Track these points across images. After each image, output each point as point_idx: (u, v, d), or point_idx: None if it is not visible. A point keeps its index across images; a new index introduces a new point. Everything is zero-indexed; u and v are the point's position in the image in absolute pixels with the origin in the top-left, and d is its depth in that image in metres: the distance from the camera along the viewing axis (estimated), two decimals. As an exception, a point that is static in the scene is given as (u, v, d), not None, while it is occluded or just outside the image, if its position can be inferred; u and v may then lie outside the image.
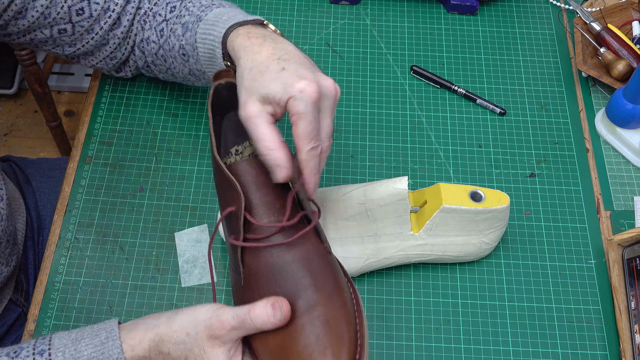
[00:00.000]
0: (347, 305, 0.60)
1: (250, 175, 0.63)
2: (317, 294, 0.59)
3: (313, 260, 0.61)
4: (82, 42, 0.81)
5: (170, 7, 0.79)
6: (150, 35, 0.80)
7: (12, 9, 0.74)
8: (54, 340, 0.61)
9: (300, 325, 0.58)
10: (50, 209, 0.96)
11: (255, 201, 0.62)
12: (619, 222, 0.83)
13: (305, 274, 0.60)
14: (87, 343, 0.61)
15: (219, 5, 0.77)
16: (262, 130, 0.62)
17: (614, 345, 0.75)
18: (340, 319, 0.59)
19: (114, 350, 0.60)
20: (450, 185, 0.74)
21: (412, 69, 0.95)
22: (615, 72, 0.91)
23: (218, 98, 0.68)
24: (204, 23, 0.74)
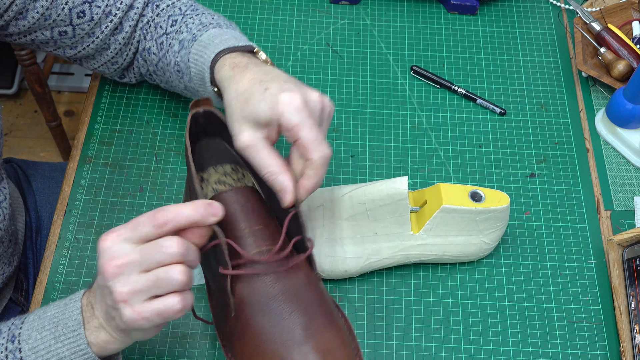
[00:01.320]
0: (342, 332, 0.60)
1: (238, 204, 0.61)
2: (313, 323, 0.59)
3: (305, 289, 0.61)
4: (82, 45, 0.81)
5: (172, 20, 0.79)
6: (151, 46, 0.80)
7: (12, 9, 0.74)
8: (37, 308, 0.63)
9: (300, 357, 0.57)
10: (49, 209, 0.96)
11: (245, 231, 0.61)
12: (619, 222, 0.83)
13: (297, 307, 0.59)
14: (54, 305, 0.62)
15: (216, 25, 0.76)
16: (262, 156, 0.61)
17: (614, 345, 0.75)
18: (338, 348, 0.58)
19: (75, 311, 0.60)
20: (450, 185, 0.74)
21: (412, 69, 0.95)
22: (615, 72, 0.91)
23: (195, 126, 0.67)
24: (198, 44, 0.74)
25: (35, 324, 0.61)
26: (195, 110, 0.66)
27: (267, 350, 0.59)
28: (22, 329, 0.61)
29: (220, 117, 0.67)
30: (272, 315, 0.59)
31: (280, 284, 0.60)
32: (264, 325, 0.59)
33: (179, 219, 0.55)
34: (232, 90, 0.65)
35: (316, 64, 0.96)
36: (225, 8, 1.01)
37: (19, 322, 0.62)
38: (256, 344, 0.59)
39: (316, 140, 0.60)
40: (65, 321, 0.60)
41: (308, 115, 0.61)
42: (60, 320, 0.60)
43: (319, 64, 0.96)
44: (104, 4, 0.78)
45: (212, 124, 0.68)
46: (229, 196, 0.62)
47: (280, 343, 0.58)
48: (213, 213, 0.56)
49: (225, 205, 0.60)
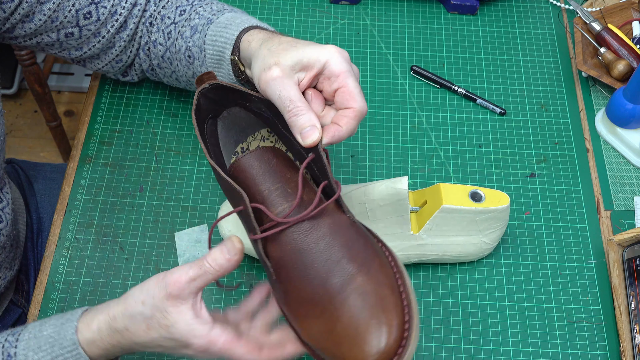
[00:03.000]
0: (385, 269, 0.58)
1: (254, 168, 0.62)
2: (351, 265, 0.57)
3: (338, 232, 0.59)
4: (88, 45, 0.81)
5: (180, 10, 0.79)
6: (158, 37, 0.80)
7: (19, 12, 0.74)
8: (30, 324, 0.63)
9: (340, 303, 0.56)
10: (50, 210, 0.96)
11: (266, 192, 0.61)
12: (619, 222, 0.83)
13: (334, 249, 0.58)
14: (50, 324, 0.62)
15: (230, 10, 0.77)
16: (290, 90, 0.61)
17: (614, 345, 0.75)
18: (381, 285, 0.57)
19: (69, 331, 0.60)
20: (450, 185, 0.74)
21: (412, 69, 0.95)
22: (615, 72, 0.91)
23: (206, 101, 0.67)
24: (215, 25, 0.74)
25: (31, 344, 0.61)
26: (202, 87, 0.66)
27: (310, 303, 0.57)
28: (17, 347, 0.61)
29: (231, 86, 0.66)
30: (309, 266, 0.58)
31: (311, 233, 0.59)
32: (303, 279, 0.58)
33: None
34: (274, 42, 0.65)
35: (316, 64, 0.96)
36: (225, 8, 1.01)
37: (12, 339, 0.62)
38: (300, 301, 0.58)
39: (360, 91, 0.61)
40: (61, 341, 0.60)
41: (347, 62, 0.62)
42: (56, 340, 0.60)
43: (319, 64, 0.96)
44: (110, 4, 0.78)
45: (226, 96, 0.68)
46: (246, 160, 0.62)
47: (318, 297, 0.57)
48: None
49: (243, 171, 0.62)
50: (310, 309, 0.57)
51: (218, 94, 0.67)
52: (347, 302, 0.56)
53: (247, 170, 0.62)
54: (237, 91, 0.66)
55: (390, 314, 0.55)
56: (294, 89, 0.61)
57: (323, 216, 0.60)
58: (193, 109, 0.65)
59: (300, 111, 0.60)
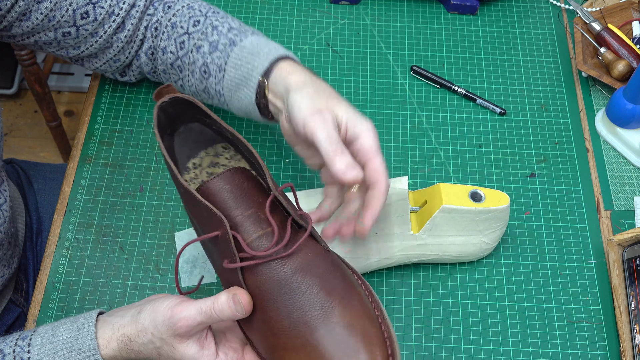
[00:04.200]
0: (363, 300, 0.58)
1: (224, 191, 0.59)
2: (331, 297, 0.57)
3: (314, 263, 0.59)
4: (85, 45, 0.81)
5: (194, 21, 0.79)
6: (168, 45, 0.80)
7: (15, 10, 0.74)
8: (39, 328, 0.63)
9: (322, 336, 0.55)
10: (50, 210, 0.96)
11: (238, 217, 0.59)
12: (619, 222, 0.83)
13: (312, 281, 0.57)
14: (65, 329, 0.62)
15: (252, 32, 0.77)
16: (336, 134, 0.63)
17: (614, 345, 0.75)
18: (361, 318, 0.56)
19: (88, 336, 0.60)
20: (450, 185, 0.74)
21: (412, 69, 0.95)
22: (615, 72, 0.91)
23: (165, 117, 0.66)
24: (240, 49, 0.75)
25: (46, 349, 0.61)
26: (161, 101, 0.64)
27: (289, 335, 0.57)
28: (30, 352, 0.61)
29: (192, 101, 0.64)
30: (287, 298, 0.57)
31: (288, 265, 0.58)
32: (281, 310, 0.57)
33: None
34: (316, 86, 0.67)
35: (316, 64, 0.96)
36: (225, 8, 1.01)
37: (23, 343, 0.61)
38: (277, 332, 0.58)
39: (385, 168, 0.64)
40: (80, 346, 0.60)
41: (377, 139, 0.65)
42: (74, 345, 0.60)
43: (319, 64, 0.96)
44: (107, 4, 0.78)
45: (184, 111, 0.66)
46: (213, 185, 0.60)
47: (298, 329, 0.56)
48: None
49: (213, 194, 0.59)
50: (290, 340, 0.57)
51: (176, 109, 0.66)
52: (330, 335, 0.55)
53: (217, 194, 0.59)
54: (197, 107, 0.65)
55: (374, 347, 0.55)
56: (338, 135, 0.63)
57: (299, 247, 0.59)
58: (154, 124, 0.62)
59: (345, 151, 0.62)
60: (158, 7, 0.81)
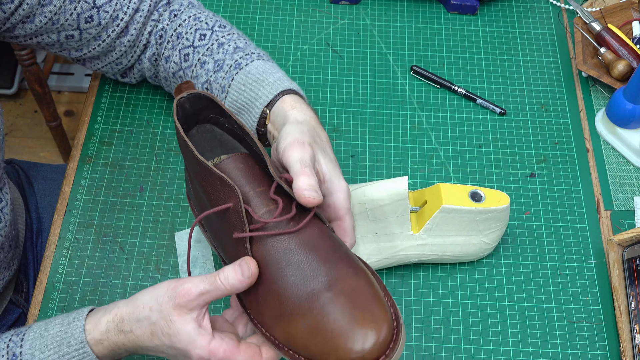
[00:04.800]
0: (367, 274, 0.59)
1: (237, 170, 0.62)
2: (334, 269, 0.58)
3: (321, 239, 0.60)
4: (88, 47, 0.81)
5: (200, 34, 0.79)
6: (171, 55, 0.80)
7: (19, 12, 0.74)
8: (34, 324, 0.63)
9: (324, 304, 0.56)
10: (50, 211, 0.96)
11: (250, 193, 0.61)
12: (619, 222, 0.83)
13: (317, 254, 0.59)
14: (56, 323, 0.62)
15: (258, 55, 0.78)
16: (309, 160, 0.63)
17: (614, 345, 0.75)
18: (366, 286, 0.57)
19: (77, 329, 0.61)
20: (450, 185, 0.74)
21: (412, 69, 0.95)
22: (615, 72, 0.91)
23: (182, 112, 0.68)
24: (245, 74, 0.75)
25: (37, 343, 0.61)
26: (180, 96, 0.66)
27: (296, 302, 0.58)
28: (22, 347, 0.61)
29: (209, 96, 0.67)
30: (292, 270, 0.58)
31: (295, 239, 0.60)
32: (286, 281, 0.58)
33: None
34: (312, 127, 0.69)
35: (316, 64, 0.96)
36: (225, 8, 1.01)
37: (17, 339, 0.62)
38: (284, 300, 0.58)
39: (353, 228, 0.66)
40: (69, 339, 0.60)
41: (349, 200, 0.66)
42: (63, 339, 0.61)
43: (319, 64, 0.96)
44: (112, 9, 0.78)
45: (199, 109, 0.68)
46: (228, 163, 0.63)
47: (305, 295, 0.57)
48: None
49: (226, 172, 0.62)
50: (296, 307, 0.58)
51: (193, 106, 0.68)
52: (331, 304, 0.56)
53: (231, 172, 0.62)
54: (214, 103, 0.67)
55: (379, 312, 0.56)
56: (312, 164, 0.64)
57: (306, 224, 0.61)
58: (174, 114, 0.65)
59: (312, 175, 0.62)
60: (164, 13, 0.81)
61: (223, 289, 0.58)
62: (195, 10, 0.82)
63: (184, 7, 0.82)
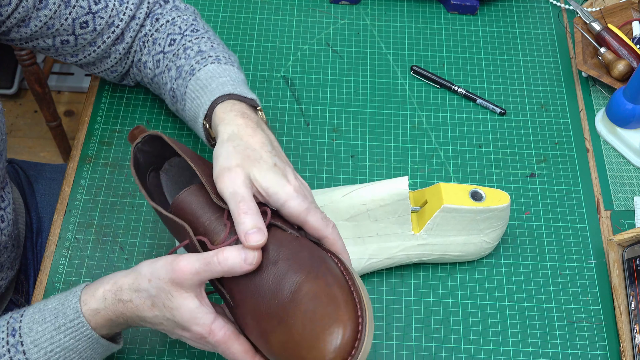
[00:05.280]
0: (333, 271, 0.59)
1: (192, 203, 0.63)
2: (298, 274, 0.58)
3: (281, 248, 0.60)
4: (84, 53, 0.81)
5: (170, 39, 0.78)
6: (147, 60, 0.80)
7: (14, 16, 0.74)
8: (34, 303, 0.64)
9: (293, 310, 0.57)
10: (50, 210, 0.96)
11: (207, 222, 0.62)
12: (619, 222, 0.83)
13: (279, 264, 0.59)
14: (54, 298, 0.63)
15: (215, 59, 0.75)
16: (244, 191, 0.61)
17: (614, 345, 0.75)
18: (330, 286, 0.57)
19: (72, 300, 0.61)
20: (450, 184, 0.74)
21: (412, 69, 0.95)
22: (615, 72, 0.91)
23: (144, 155, 0.69)
24: (195, 80, 0.74)
25: (35, 317, 0.62)
26: (136, 142, 0.67)
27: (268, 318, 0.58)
28: (21, 322, 0.62)
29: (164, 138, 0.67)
30: (260, 285, 0.59)
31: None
32: (258, 296, 0.59)
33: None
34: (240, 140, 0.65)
35: (316, 64, 0.96)
36: (225, 8, 1.01)
37: (17, 315, 0.63)
38: (259, 318, 0.59)
39: (321, 219, 0.62)
40: (65, 311, 0.61)
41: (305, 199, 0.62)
42: (59, 311, 0.61)
43: (319, 64, 0.96)
44: (107, 15, 0.78)
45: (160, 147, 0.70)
46: (184, 197, 0.64)
47: (272, 312, 0.58)
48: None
49: (182, 208, 0.63)
50: (268, 323, 0.58)
51: (154, 146, 0.69)
52: (299, 308, 0.57)
53: (186, 206, 0.63)
54: (169, 146, 0.68)
55: (341, 311, 0.56)
56: (247, 192, 0.61)
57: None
58: (131, 164, 0.66)
59: (250, 210, 0.60)
60: (149, 19, 0.81)
61: (219, 269, 0.57)
62: (175, 14, 0.80)
63: (166, 11, 0.81)
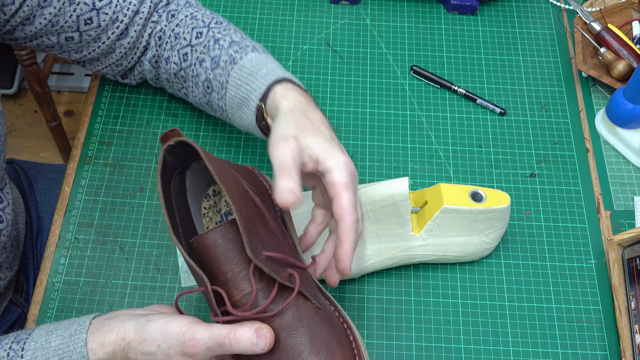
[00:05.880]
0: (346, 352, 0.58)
1: (218, 246, 0.59)
2: (313, 355, 0.57)
3: (302, 321, 0.58)
4: (88, 49, 0.81)
5: (197, 32, 0.79)
6: (171, 56, 0.80)
7: (19, 15, 0.74)
8: (35, 330, 0.62)
9: None
10: (50, 210, 0.96)
11: (229, 274, 0.58)
12: (619, 222, 0.83)
13: (297, 339, 0.57)
14: (58, 334, 0.61)
15: (252, 48, 0.77)
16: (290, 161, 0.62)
17: (614, 345, 0.75)
18: None
19: (79, 343, 0.60)
20: (450, 185, 0.74)
21: (412, 69, 0.95)
22: (615, 72, 0.91)
23: (173, 158, 0.65)
24: (240, 68, 0.74)
25: (38, 354, 0.60)
26: (167, 144, 0.63)
27: None
28: (23, 357, 0.60)
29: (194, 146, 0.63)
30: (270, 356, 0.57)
31: (275, 321, 0.58)
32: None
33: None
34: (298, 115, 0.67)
35: (316, 64, 0.96)
36: (225, 8, 1.01)
37: (17, 347, 0.61)
38: None
39: (354, 204, 0.62)
40: (70, 354, 0.60)
41: (350, 177, 0.63)
42: (65, 352, 0.60)
43: (319, 64, 0.96)
44: (112, 11, 0.78)
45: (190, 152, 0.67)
46: (208, 239, 0.59)
47: None
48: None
49: (206, 248, 0.59)
50: None
51: (184, 150, 0.66)
52: None
53: (210, 248, 0.59)
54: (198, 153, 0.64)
55: None
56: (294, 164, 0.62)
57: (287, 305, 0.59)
58: (158, 169, 0.62)
59: (289, 176, 0.60)
60: (162, 14, 0.81)
61: (230, 350, 0.57)
62: (192, 9, 0.81)
63: (181, 7, 0.82)
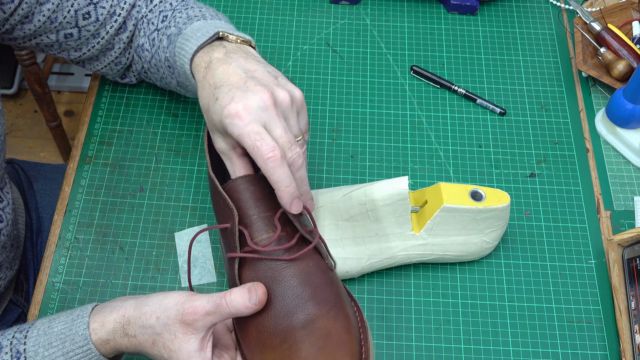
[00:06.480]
0: (350, 318, 0.59)
1: (248, 191, 0.62)
2: (318, 307, 0.58)
3: (313, 274, 0.60)
4: (87, 46, 0.81)
5: (163, 16, 0.78)
6: (144, 42, 0.80)
7: (18, 13, 0.74)
8: (38, 320, 0.63)
9: (300, 338, 0.57)
10: (50, 210, 0.96)
11: (254, 217, 0.61)
12: (619, 222, 0.83)
13: (305, 288, 0.59)
14: (60, 320, 0.62)
15: (201, 17, 0.75)
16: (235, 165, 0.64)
17: (614, 345, 0.75)
18: (342, 331, 0.57)
19: (81, 327, 0.60)
20: (450, 184, 0.74)
21: (412, 69, 0.95)
22: (615, 72, 0.91)
23: None
24: (182, 37, 0.72)
25: (41, 340, 0.61)
26: None
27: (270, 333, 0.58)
28: (26, 344, 0.61)
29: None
30: (275, 301, 0.59)
31: (287, 269, 0.60)
32: (267, 312, 0.59)
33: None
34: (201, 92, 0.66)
35: (316, 64, 0.96)
36: (225, 8, 1.01)
37: (20, 335, 0.62)
38: (261, 329, 0.59)
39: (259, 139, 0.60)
40: (73, 337, 0.60)
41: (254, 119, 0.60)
42: (67, 336, 0.60)
43: (319, 64, 0.96)
44: (109, 5, 0.78)
45: None
46: (240, 183, 0.63)
47: (280, 329, 0.58)
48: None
49: (237, 192, 0.62)
50: (271, 339, 0.58)
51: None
52: (309, 339, 0.56)
53: (241, 192, 0.62)
54: None
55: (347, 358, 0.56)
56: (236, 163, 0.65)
57: (303, 256, 0.61)
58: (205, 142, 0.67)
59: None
60: (144, 2, 0.81)
61: (227, 311, 0.58)
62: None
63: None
